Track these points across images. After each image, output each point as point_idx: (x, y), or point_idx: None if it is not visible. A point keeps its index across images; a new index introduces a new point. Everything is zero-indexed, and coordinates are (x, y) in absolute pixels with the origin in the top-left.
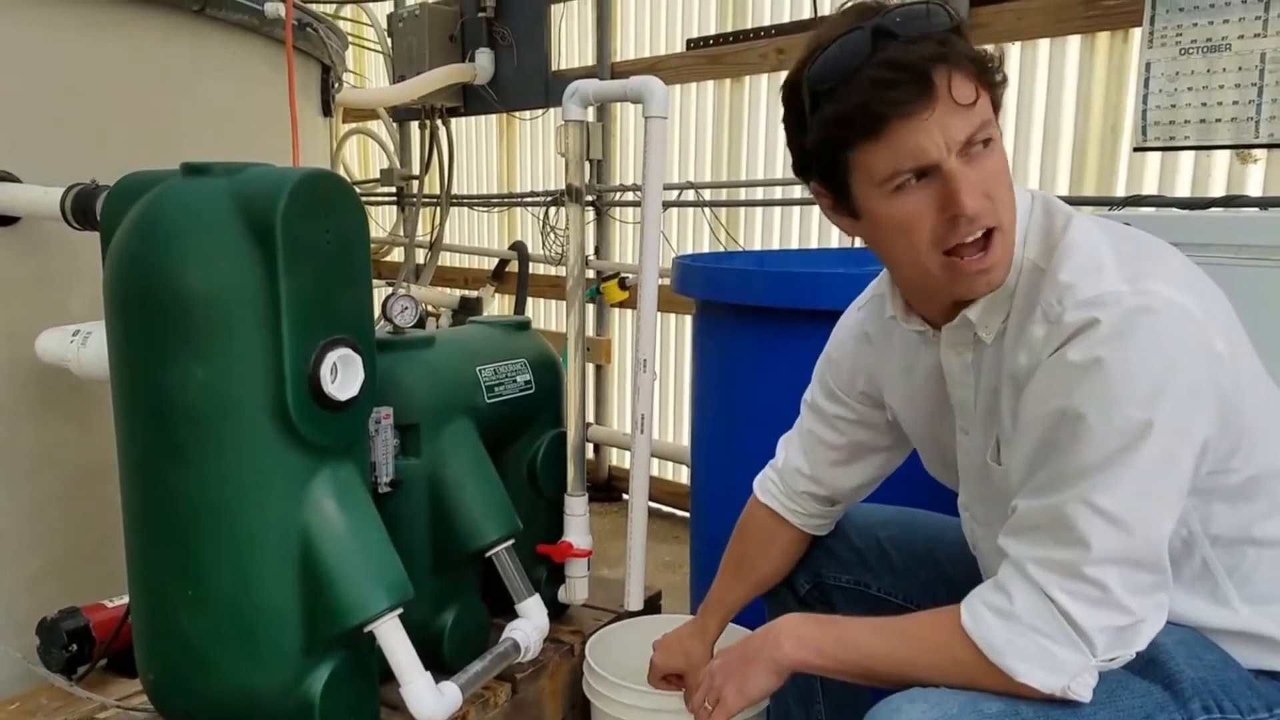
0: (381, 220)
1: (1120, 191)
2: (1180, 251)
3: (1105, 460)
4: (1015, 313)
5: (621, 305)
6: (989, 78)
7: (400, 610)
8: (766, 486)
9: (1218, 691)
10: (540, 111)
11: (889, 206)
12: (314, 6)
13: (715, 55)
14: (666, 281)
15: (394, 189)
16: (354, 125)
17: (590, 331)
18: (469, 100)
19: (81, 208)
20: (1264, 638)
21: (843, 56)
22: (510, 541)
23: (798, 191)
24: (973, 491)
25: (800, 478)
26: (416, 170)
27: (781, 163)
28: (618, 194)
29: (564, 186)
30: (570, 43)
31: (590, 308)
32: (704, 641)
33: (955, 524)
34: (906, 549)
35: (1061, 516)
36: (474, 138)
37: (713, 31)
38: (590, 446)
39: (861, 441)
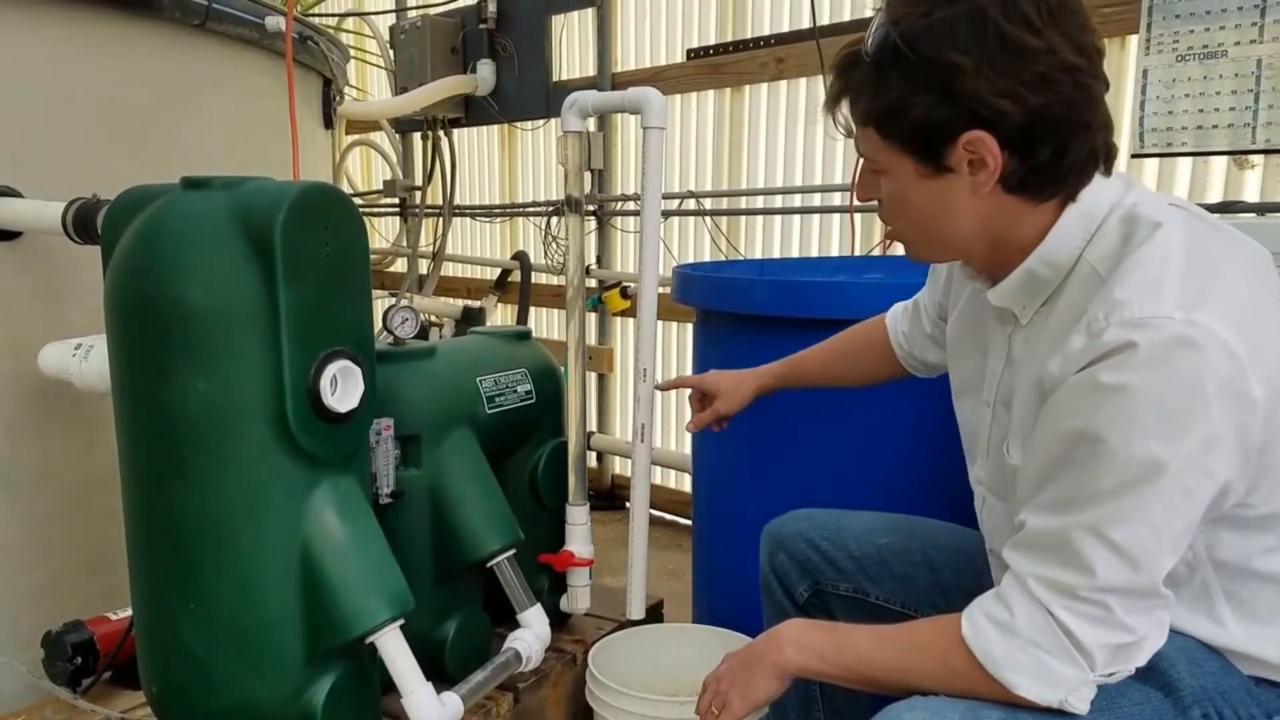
0: (384, 231)
1: None
2: (1265, 265)
3: (1120, 489)
4: (1061, 310)
5: (623, 314)
6: (879, 125)
7: (401, 621)
8: (894, 310)
9: (1218, 699)
10: (542, 122)
11: None
12: (315, 19)
13: (715, 65)
14: (667, 290)
15: (397, 200)
16: (357, 137)
17: (593, 340)
18: (471, 111)
19: (83, 222)
20: (1260, 660)
21: None
22: (512, 551)
23: (798, 200)
24: (988, 466)
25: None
26: (419, 181)
27: (782, 171)
28: (619, 203)
29: (565, 197)
30: (571, 53)
31: (592, 317)
32: (756, 379)
33: (953, 530)
34: (904, 556)
35: (1069, 542)
36: (476, 148)
37: (713, 41)
38: (593, 455)
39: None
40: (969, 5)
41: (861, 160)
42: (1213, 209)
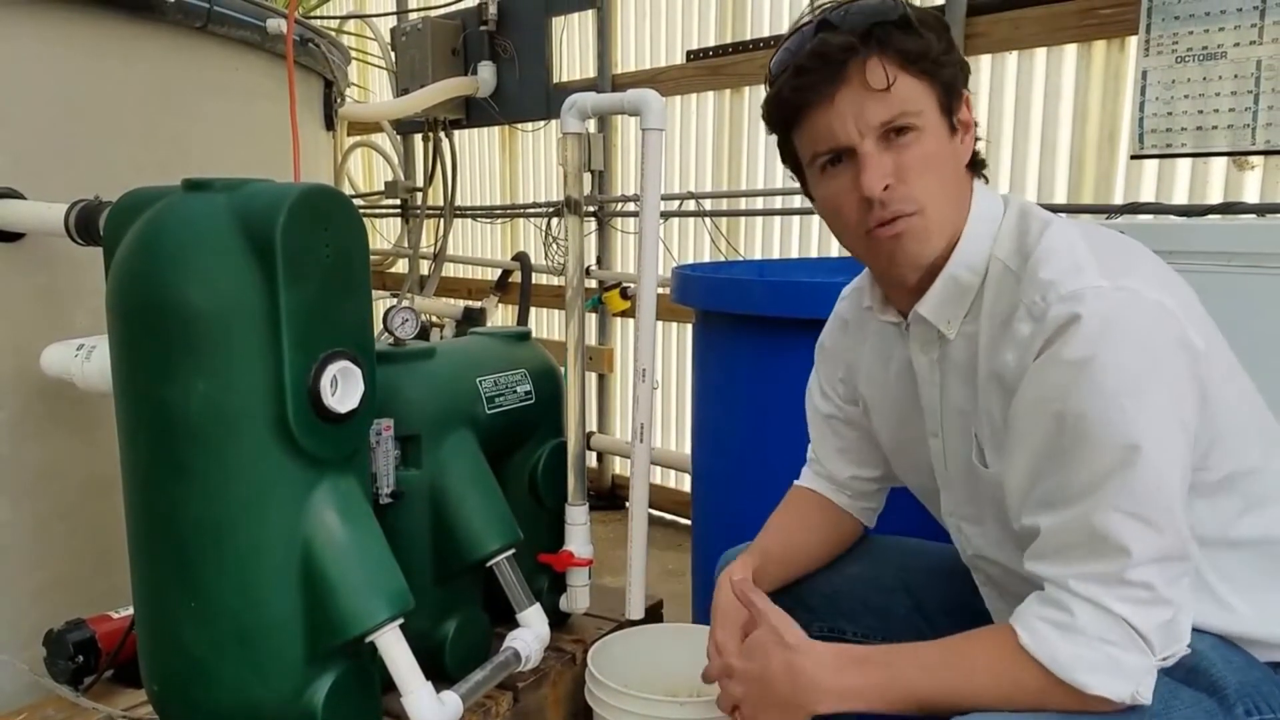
0: (386, 232)
1: (1118, 199)
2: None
3: (1117, 461)
4: (988, 313)
5: (623, 315)
6: (923, 66)
7: (401, 620)
8: (804, 473)
9: (1254, 693)
10: (542, 123)
11: (819, 188)
12: (316, 22)
13: (715, 66)
14: (666, 291)
15: (398, 201)
16: (358, 138)
17: (593, 341)
18: (471, 112)
19: (85, 223)
20: (1274, 642)
21: (787, 49)
22: (511, 551)
23: (797, 201)
24: (958, 494)
25: (823, 465)
26: (420, 182)
27: (781, 172)
28: (619, 204)
29: (564, 198)
30: (571, 55)
31: (592, 317)
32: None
33: (926, 548)
34: (876, 584)
35: (1093, 528)
36: (476, 150)
37: (712, 43)
38: (593, 455)
39: (857, 438)
40: None
41: (869, 154)
42: (1213, 210)
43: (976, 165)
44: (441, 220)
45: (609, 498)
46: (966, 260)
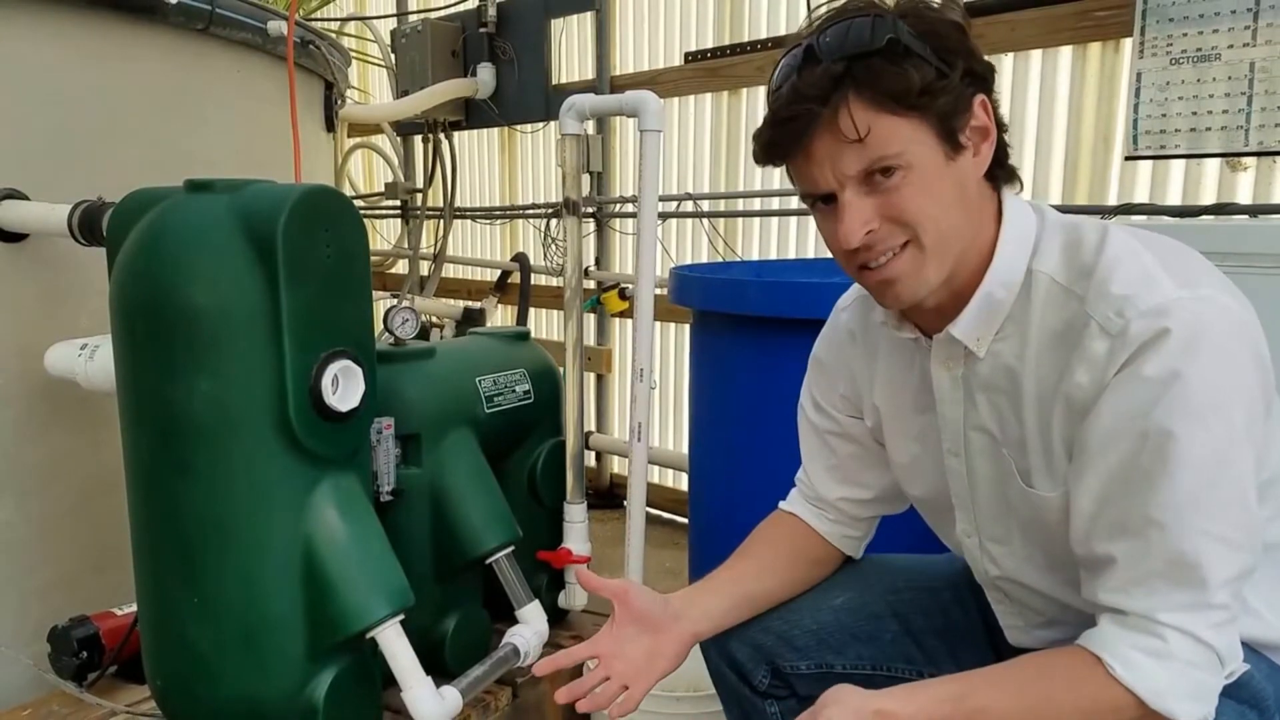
0: (386, 233)
1: (1112, 200)
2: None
3: (1202, 481)
4: (1036, 330)
5: (622, 315)
6: (908, 103)
7: (402, 616)
8: (791, 495)
9: None
10: (541, 125)
11: (816, 221)
12: (317, 24)
13: (713, 68)
14: (664, 292)
15: (398, 202)
16: (358, 140)
17: (591, 341)
18: (471, 114)
19: (88, 224)
20: None
21: (777, 76)
22: (510, 549)
23: (794, 202)
24: (984, 514)
25: (811, 486)
26: (420, 184)
27: (779, 174)
28: (617, 205)
29: (563, 199)
30: (570, 57)
31: (591, 318)
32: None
33: (912, 566)
34: (864, 611)
35: (1178, 553)
36: (476, 151)
37: (710, 45)
38: (591, 455)
39: (852, 455)
40: None
41: (849, 203)
42: (1207, 211)
43: (1001, 174)
44: (441, 221)
45: (607, 497)
46: (1002, 277)
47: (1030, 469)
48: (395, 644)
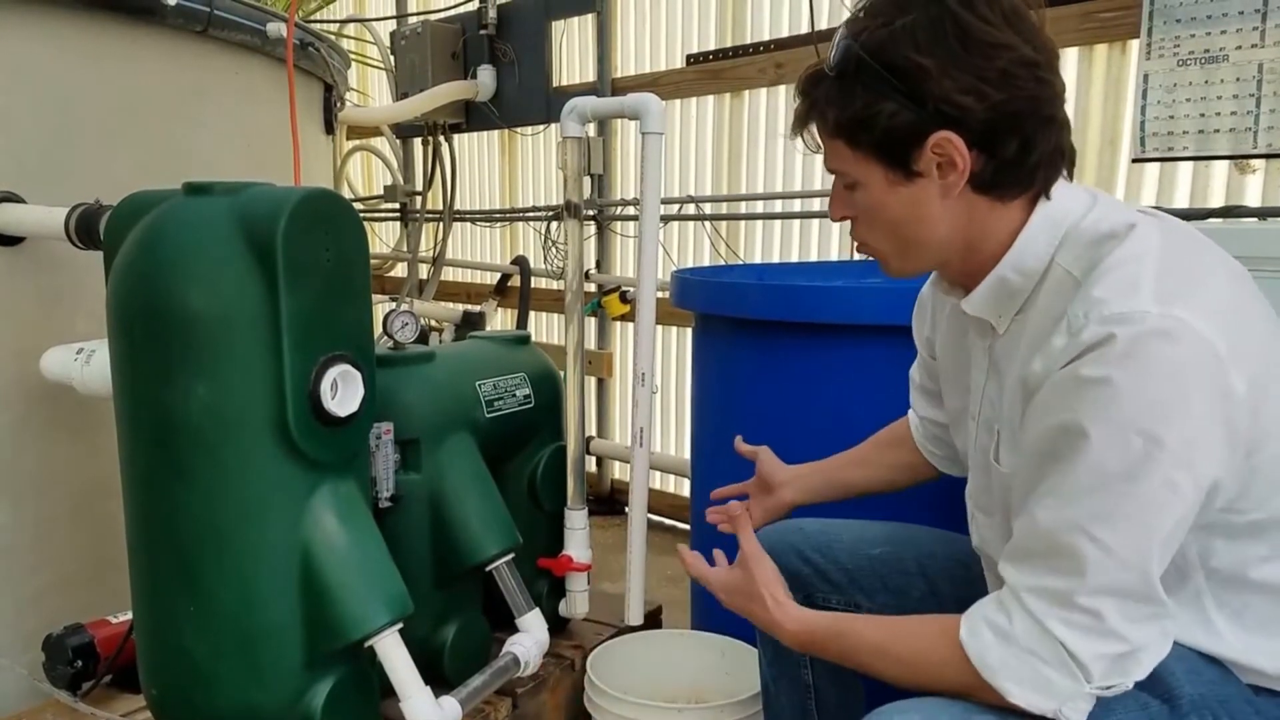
0: (385, 236)
1: None
2: (1243, 273)
3: (1104, 484)
4: (1038, 316)
5: (623, 319)
6: (845, 135)
7: (400, 625)
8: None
9: (1217, 708)
10: (541, 127)
11: None
12: (316, 26)
13: (715, 70)
14: (666, 295)
15: (397, 205)
16: (358, 142)
17: (592, 345)
18: (471, 117)
19: (85, 227)
20: (1258, 670)
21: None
22: (510, 556)
23: (797, 205)
24: (978, 481)
25: (913, 397)
26: (419, 186)
27: (781, 176)
28: (618, 208)
29: (564, 202)
30: (571, 59)
31: (592, 321)
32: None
33: (949, 539)
34: (898, 566)
35: (1057, 543)
36: (476, 154)
37: (712, 47)
38: (592, 460)
39: (934, 384)
40: (928, 10)
41: (833, 179)
42: (1214, 214)
43: (997, 184)
44: (441, 224)
45: (608, 503)
46: (1017, 263)
47: (1000, 444)
48: (394, 653)
